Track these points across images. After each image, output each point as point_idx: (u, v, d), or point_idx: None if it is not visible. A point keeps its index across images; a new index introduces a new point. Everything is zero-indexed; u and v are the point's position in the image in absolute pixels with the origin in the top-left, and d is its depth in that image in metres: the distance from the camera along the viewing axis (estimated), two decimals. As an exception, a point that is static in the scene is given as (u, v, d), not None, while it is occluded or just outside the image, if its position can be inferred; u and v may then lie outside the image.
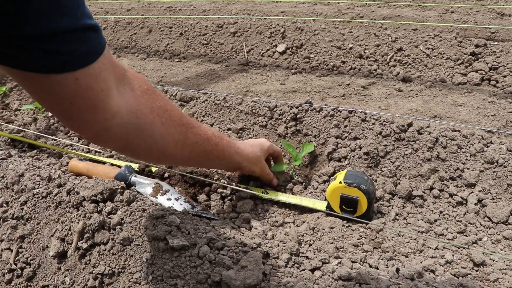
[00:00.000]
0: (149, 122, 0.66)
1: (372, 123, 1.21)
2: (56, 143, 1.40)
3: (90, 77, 0.53)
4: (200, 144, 0.79)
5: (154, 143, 0.69)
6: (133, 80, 0.65)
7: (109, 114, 0.59)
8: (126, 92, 0.63)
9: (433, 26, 2.14)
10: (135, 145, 0.68)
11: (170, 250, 0.75)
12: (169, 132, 0.71)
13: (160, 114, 0.69)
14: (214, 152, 0.83)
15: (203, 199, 1.08)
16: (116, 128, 0.62)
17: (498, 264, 0.84)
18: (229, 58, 2.19)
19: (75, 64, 0.50)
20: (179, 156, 0.77)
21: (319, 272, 0.79)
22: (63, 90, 0.52)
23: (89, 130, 0.61)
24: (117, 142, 0.67)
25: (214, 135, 0.83)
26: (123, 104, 0.61)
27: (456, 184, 1.06)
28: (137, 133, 0.66)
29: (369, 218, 0.95)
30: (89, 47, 0.51)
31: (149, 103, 0.67)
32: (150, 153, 0.73)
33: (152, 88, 0.69)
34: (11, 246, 0.91)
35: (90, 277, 0.80)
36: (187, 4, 3.12)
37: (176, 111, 0.73)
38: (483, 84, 1.69)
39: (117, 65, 0.61)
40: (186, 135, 0.75)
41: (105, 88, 0.56)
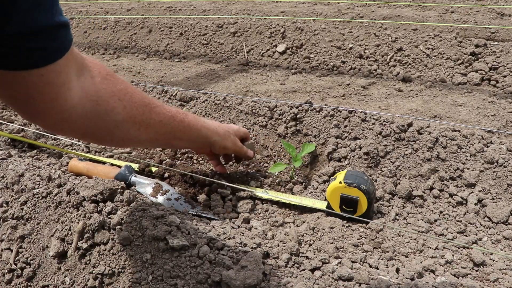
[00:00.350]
0: (110, 108, 0.67)
1: (372, 123, 1.21)
2: (56, 143, 1.40)
3: (54, 73, 0.53)
4: (165, 122, 0.78)
5: (117, 127, 0.70)
6: (92, 67, 0.66)
7: (68, 105, 0.59)
8: (86, 80, 0.63)
9: (433, 26, 2.14)
10: (97, 132, 0.69)
11: (170, 250, 0.75)
12: (131, 114, 0.71)
13: (121, 97, 0.69)
14: (180, 129, 0.83)
15: (203, 199, 1.08)
16: (76, 117, 0.62)
17: (498, 264, 0.84)
18: (229, 58, 2.19)
19: (44, 61, 0.51)
20: (144, 137, 0.77)
21: (319, 272, 0.79)
22: (25, 85, 0.52)
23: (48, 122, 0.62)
24: (78, 131, 0.67)
25: (178, 112, 0.83)
26: (83, 93, 0.62)
27: (456, 184, 1.06)
28: (98, 120, 0.66)
29: (369, 218, 0.95)
30: (59, 44, 0.52)
31: (109, 88, 0.67)
32: (113, 138, 0.73)
33: (112, 72, 0.70)
34: (11, 246, 0.91)
35: (90, 277, 0.80)
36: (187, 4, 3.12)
37: (137, 93, 0.73)
38: (483, 84, 1.69)
39: (77, 56, 0.61)
40: (150, 115, 0.74)
41: (66, 81, 0.57)
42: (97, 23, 2.88)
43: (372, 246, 0.88)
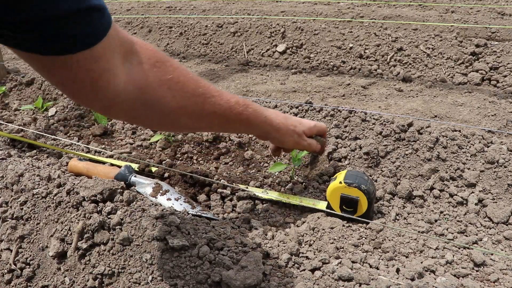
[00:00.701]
0: (158, 97, 0.64)
1: (372, 123, 1.21)
2: (55, 143, 1.40)
3: (91, 59, 0.52)
4: (220, 114, 0.75)
5: (165, 116, 0.68)
6: (142, 53, 0.63)
7: (113, 93, 0.58)
8: (133, 67, 0.61)
9: (433, 26, 2.14)
10: (146, 118, 0.68)
11: (170, 250, 0.75)
12: (181, 105, 0.68)
13: (171, 86, 0.66)
14: (237, 121, 0.80)
15: (203, 199, 1.08)
16: (121, 104, 0.61)
17: (499, 264, 0.83)
18: (229, 58, 2.19)
19: (75, 47, 0.49)
20: (196, 126, 0.76)
21: (319, 272, 0.78)
22: (65, 71, 0.52)
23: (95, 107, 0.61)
24: (126, 116, 0.66)
25: (238, 103, 0.78)
26: (129, 81, 0.60)
27: (456, 184, 1.06)
28: (145, 108, 0.64)
29: (369, 218, 0.95)
30: (91, 29, 0.50)
31: (158, 76, 0.64)
32: (163, 125, 0.72)
33: (163, 59, 0.66)
34: (11, 246, 0.91)
35: (90, 277, 0.79)
36: (187, 4, 3.12)
37: (190, 81, 0.69)
38: (483, 84, 1.69)
39: (125, 40, 0.59)
40: (203, 106, 0.71)
41: (109, 67, 0.55)
42: (97, 23, 2.87)
43: (372, 246, 0.88)
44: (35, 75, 1.92)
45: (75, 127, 1.56)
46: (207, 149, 1.33)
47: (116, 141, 1.43)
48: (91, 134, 1.47)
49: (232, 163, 1.28)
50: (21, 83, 1.90)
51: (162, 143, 1.35)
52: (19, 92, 1.89)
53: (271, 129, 0.89)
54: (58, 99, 1.75)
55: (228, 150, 1.31)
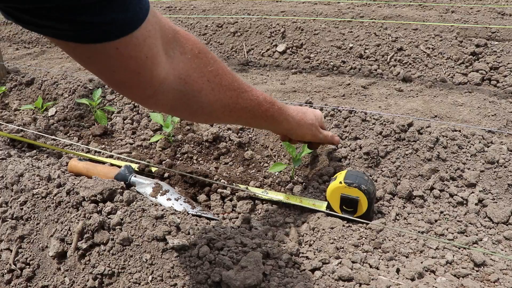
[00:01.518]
0: (198, 89, 0.64)
1: (373, 123, 1.20)
2: (55, 143, 1.40)
3: (132, 46, 0.50)
4: (250, 109, 0.76)
5: (201, 108, 0.68)
6: (185, 42, 0.62)
7: (155, 81, 0.57)
8: (175, 56, 0.60)
9: (433, 25, 2.14)
10: (182, 110, 0.67)
11: (170, 250, 0.75)
12: (218, 98, 0.68)
13: (211, 79, 0.66)
14: (263, 117, 0.81)
15: (203, 199, 1.08)
16: (163, 94, 0.60)
17: (499, 264, 0.83)
18: (229, 58, 2.19)
19: (113, 34, 0.48)
20: (226, 119, 0.76)
21: (319, 273, 0.78)
22: (104, 59, 0.50)
23: (135, 96, 0.60)
24: (164, 106, 0.65)
25: (265, 100, 0.80)
26: (171, 70, 0.59)
27: (456, 184, 1.06)
28: (184, 99, 0.64)
29: (369, 218, 0.95)
30: (128, 15, 0.48)
31: (200, 67, 0.64)
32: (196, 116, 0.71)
33: (205, 50, 0.66)
34: (11, 246, 0.91)
35: (90, 278, 0.79)
36: (187, 4, 3.12)
37: (228, 75, 0.70)
38: (483, 84, 1.69)
39: (167, 27, 0.58)
40: (237, 100, 0.72)
41: (151, 55, 0.54)
42: (97, 23, 2.87)
43: (372, 246, 0.88)
44: (35, 75, 1.92)
45: (75, 127, 1.56)
46: (207, 149, 1.33)
47: (116, 141, 1.43)
48: (91, 134, 1.47)
49: (232, 163, 1.28)
50: (21, 83, 1.90)
51: (162, 143, 1.35)
52: (19, 92, 1.89)
53: (293, 126, 0.91)
54: (58, 99, 1.75)
55: (228, 150, 1.31)
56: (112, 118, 1.56)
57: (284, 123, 0.88)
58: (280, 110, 0.85)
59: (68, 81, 1.78)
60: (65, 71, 1.94)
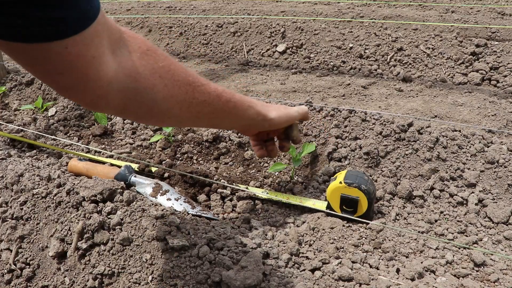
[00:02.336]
0: (150, 85, 0.63)
1: (373, 123, 1.20)
2: (55, 143, 1.40)
3: (81, 45, 0.49)
4: (209, 102, 0.74)
5: (157, 106, 0.66)
6: (131, 41, 0.62)
7: (103, 81, 0.56)
8: (123, 54, 0.59)
9: (433, 25, 2.14)
10: (135, 109, 0.65)
11: (170, 250, 0.75)
12: (172, 93, 0.67)
13: (163, 75, 0.65)
14: (225, 109, 0.78)
15: (203, 199, 1.08)
16: (113, 94, 0.59)
17: (499, 264, 0.83)
18: (229, 58, 2.19)
19: (65, 32, 0.47)
20: (186, 116, 0.73)
21: (319, 273, 0.78)
22: (51, 59, 0.49)
23: (84, 98, 0.58)
24: (115, 108, 0.63)
25: (224, 91, 0.77)
26: (120, 68, 0.58)
27: (456, 184, 1.06)
28: (136, 97, 0.62)
29: (369, 218, 0.95)
30: (80, 12, 0.47)
31: (150, 64, 0.63)
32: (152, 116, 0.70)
33: (154, 47, 0.65)
34: (11, 246, 0.91)
35: (90, 278, 0.79)
36: (187, 4, 3.12)
37: (180, 69, 0.68)
38: (483, 84, 1.69)
39: (113, 28, 0.57)
40: (193, 94, 0.70)
41: (97, 55, 0.53)
42: (97, 22, 2.87)
43: (372, 246, 0.88)
44: (35, 75, 1.92)
45: (75, 127, 1.56)
46: (207, 149, 1.33)
47: (116, 141, 1.43)
48: (91, 134, 1.47)
49: (232, 163, 1.28)
50: (21, 83, 1.90)
51: (162, 143, 1.35)
52: (19, 92, 1.89)
53: (261, 112, 0.86)
54: (58, 99, 1.75)
55: (228, 150, 1.31)
56: (112, 118, 1.56)
57: (249, 110, 0.83)
58: (242, 98, 0.82)
59: (68, 81, 1.78)
60: (65, 71, 1.93)
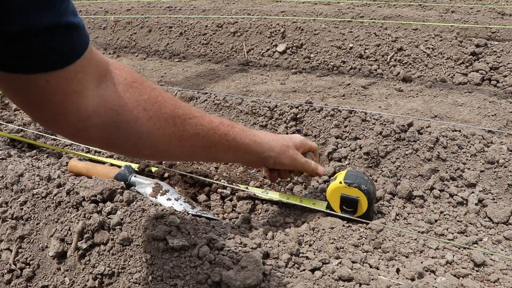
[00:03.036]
0: (132, 119, 0.61)
1: (373, 123, 1.20)
2: (55, 143, 1.40)
3: (63, 80, 0.49)
4: (203, 135, 0.70)
5: (141, 140, 0.63)
6: (118, 73, 0.61)
7: (82, 115, 0.54)
8: (108, 88, 0.58)
9: (433, 25, 2.14)
10: (120, 143, 0.63)
11: (170, 250, 0.75)
12: (158, 126, 0.64)
13: (147, 107, 0.62)
14: (223, 143, 0.74)
15: (203, 199, 1.08)
16: (94, 128, 0.57)
17: (499, 264, 0.83)
18: (229, 58, 2.19)
19: (49, 66, 0.46)
20: (177, 151, 0.70)
21: (319, 273, 0.78)
22: (32, 91, 0.48)
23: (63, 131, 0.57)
24: (99, 141, 0.62)
25: (222, 123, 0.74)
26: (102, 102, 0.57)
27: (456, 184, 1.06)
28: (119, 131, 0.60)
29: (369, 218, 0.95)
30: (68, 47, 0.47)
31: (134, 97, 0.61)
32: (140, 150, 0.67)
33: (141, 79, 0.64)
34: (11, 246, 0.91)
35: (90, 278, 0.79)
36: (187, 4, 3.12)
37: (168, 102, 0.66)
38: (483, 84, 1.69)
39: (100, 62, 0.56)
40: (183, 127, 0.67)
41: (79, 89, 0.52)
42: (97, 22, 2.88)
43: (372, 246, 0.88)
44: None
45: (75, 127, 1.56)
46: (207, 149, 1.33)
47: (116, 141, 1.43)
48: (91, 134, 1.47)
49: (232, 163, 1.28)
50: (21, 83, 1.90)
51: (162, 143, 1.35)
52: (19, 92, 1.89)
53: (264, 149, 0.82)
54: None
55: (228, 150, 1.31)
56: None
57: (252, 146, 0.79)
58: (243, 132, 0.78)
59: (68, 81, 1.78)
60: (65, 71, 1.94)
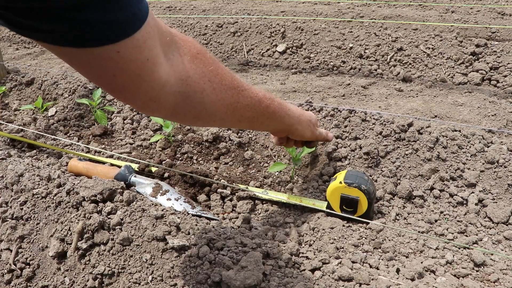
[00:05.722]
0: (199, 90, 0.64)
1: (373, 123, 1.20)
2: (55, 143, 1.40)
3: (133, 48, 0.49)
4: (251, 106, 0.76)
5: (205, 109, 0.67)
6: (182, 44, 0.62)
7: (156, 84, 0.56)
8: (175, 58, 0.59)
9: (433, 25, 2.14)
10: (184, 113, 0.66)
11: (170, 250, 0.75)
12: (220, 97, 0.68)
13: (212, 79, 0.65)
14: (265, 114, 0.81)
15: (203, 199, 1.08)
16: (165, 97, 0.59)
17: (499, 264, 0.83)
18: (229, 58, 2.19)
19: (115, 36, 0.46)
20: (229, 119, 0.75)
21: (319, 273, 0.78)
22: (104, 64, 0.48)
23: (136, 101, 0.58)
24: (166, 111, 0.64)
25: (265, 96, 0.80)
26: (171, 72, 0.58)
27: (456, 184, 1.06)
28: (186, 101, 0.63)
29: (369, 218, 0.95)
30: (129, 15, 0.47)
31: (200, 68, 0.63)
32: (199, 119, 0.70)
33: (203, 50, 0.66)
34: (11, 246, 0.91)
35: (90, 278, 0.79)
36: (187, 4, 3.12)
37: (227, 74, 0.70)
38: (483, 84, 1.69)
39: (164, 30, 0.57)
40: (238, 98, 0.72)
41: (151, 57, 0.53)
42: (97, 23, 2.87)
43: (372, 246, 0.88)
44: (35, 75, 1.92)
45: (75, 127, 1.56)
46: (207, 149, 1.33)
47: (116, 141, 1.43)
48: (91, 134, 1.47)
49: (232, 163, 1.28)
50: (21, 83, 1.90)
51: (162, 143, 1.35)
52: (19, 92, 1.89)
53: (294, 122, 0.91)
54: (58, 99, 1.75)
55: (228, 150, 1.31)
56: (112, 118, 1.56)
57: (286, 118, 0.88)
58: (280, 105, 0.85)
59: (68, 81, 1.78)
60: (65, 71, 1.94)
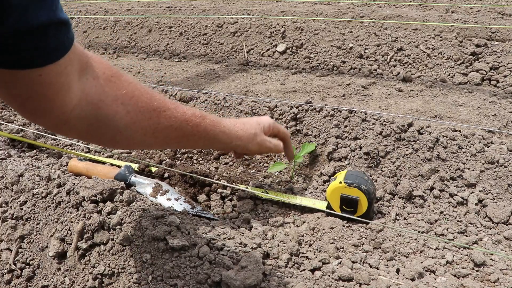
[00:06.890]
0: (111, 113, 0.63)
1: (373, 123, 1.20)
2: (55, 143, 1.40)
3: (54, 74, 0.51)
4: (176, 127, 0.74)
5: (119, 132, 0.66)
6: (97, 67, 0.63)
7: (67, 108, 0.57)
8: (88, 82, 0.60)
9: (433, 25, 2.14)
10: (98, 136, 0.66)
11: (170, 250, 0.75)
12: (135, 120, 0.67)
13: (125, 101, 0.65)
14: (195, 133, 0.78)
15: (203, 199, 1.08)
16: (75, 120, 0.60)
17: (499, 264, 0.83)
18: (229, 58, 2.19)
19: (43, 60, 0.49)
20: (152, 141, 0.73)
21: (319, 273, 0.78)
22: (23, 85, 0.50)
23: (46, 123, 0.60)
24: (78, 133, 0.65)
25: (194, 115, 0.77)
26: (83, 95, 0.59)
27: (456, 184, 1.06)
28: (99, 124, 0.63)
29: (369, 218, 0.95)
30: (59, 42, 0.50)
31: (113, 91, 0.63)
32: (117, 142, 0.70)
33: (118, 73, 0.66)
34: (11, 246, 0.91)
35: (90, 278, 0.79)
36: (187, 4, 3.12)
37: (144, 95, 0.69)
38: (483, 84, 1.69)
39: (81, 55, 0.58)
40: (158, 120, 0.70)
41: (66, 82, 0.54)
42: (97, 22, 2.88)
43: (372, 246, 0.88)
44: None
45: (75, 127, 1.56)
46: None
47: (116, 141, 1.43)
48: (91, 134, 1.47)
49: (232, 163, 1.28)
50: (21, 83, 1.90)
51: (162, 143, 1.35)
52: (19, 92, 1.89)
53: (232, 138, 0.87)
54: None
55: (228, 150, 1.31)
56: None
57: (221, 135, 0.83)
58: (213, 123, 0.82)
59: (68, 81, 1.78)
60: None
